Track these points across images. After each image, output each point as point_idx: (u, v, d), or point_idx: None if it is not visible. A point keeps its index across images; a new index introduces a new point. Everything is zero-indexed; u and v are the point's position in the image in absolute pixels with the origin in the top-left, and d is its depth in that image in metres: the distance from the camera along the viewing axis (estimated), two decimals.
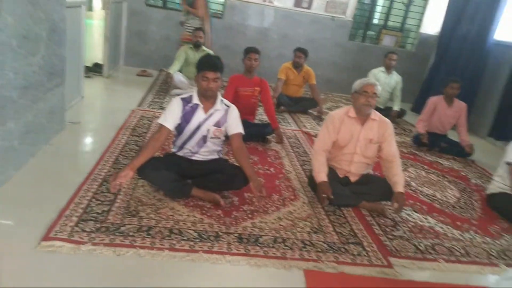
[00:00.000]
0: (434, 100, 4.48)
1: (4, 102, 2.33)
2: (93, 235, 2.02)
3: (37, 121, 2.82)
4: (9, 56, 2.31)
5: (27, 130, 2.65)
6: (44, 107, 2.93)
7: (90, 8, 12.93)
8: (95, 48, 5.93)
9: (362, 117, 2.79)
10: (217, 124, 2.60)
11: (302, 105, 5.34)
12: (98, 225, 2.11)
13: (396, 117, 5.44)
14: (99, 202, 2.35)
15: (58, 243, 1.91)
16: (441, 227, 2.71)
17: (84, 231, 2.04)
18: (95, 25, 11.06)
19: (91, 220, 2.15)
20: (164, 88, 5.45)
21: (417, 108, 6.02)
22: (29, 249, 1.86)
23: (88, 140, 3.53)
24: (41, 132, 2.92)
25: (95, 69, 5.66)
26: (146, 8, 6.41)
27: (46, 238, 1.93)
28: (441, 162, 4.15)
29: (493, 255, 2.46)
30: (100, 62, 5.73)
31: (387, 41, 7.28)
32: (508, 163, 3.00)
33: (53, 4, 2.90)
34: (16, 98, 2.45)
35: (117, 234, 2.06)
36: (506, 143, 3.14)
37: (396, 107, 5.53)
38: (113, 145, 3.21)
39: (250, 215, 2.48)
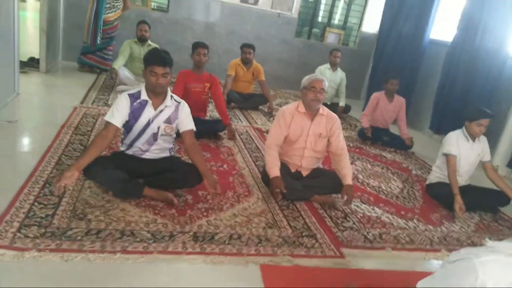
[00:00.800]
0: (377, 96, 4.71)
1: None
2: (37, 240, 1.89)
3: None
4: None
5: None
6: None
7: None
8: (30, 42, 5.53)
9: (311, 112, 2.86)
10: (168, 121, 2.53)
11: (253, 102, 5.37)
12: (42, 230, 1.98)
13: (342, 112, 5.65)
14: (42, 205, 2.20)
15: None
16: (387, 217, 2.86)
17: (27, 237, 1.91)
18: (29, 17, 10.30)
19: (35, 225, 2.01)
20: (109, 85, 5.21)
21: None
22: None
23: (27, 140, 3.29)
24: None
25: (31, 64, 5.28)
26: None
27: None
28: (384, 155, 4.37)
29: (435, 242, 2.64)
30: (36, 56, 5.35)
31: (331, 38, 7.52)
32: (445, 154, 3.23)
33: None
34: None
35: (63, 239, 1.95)
36: (444, 136, 3.37)
37: (341, 103, 5.74)
38: (54, 145, 3.02)
39: (204, 213, 2.45)
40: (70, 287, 1.68)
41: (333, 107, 5.46)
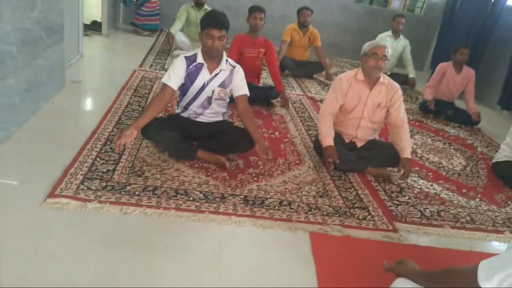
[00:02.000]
0: (443, 66, 4.37)
1: (3, 56, 2.25)
2: (99, 193, 2.00)
3: (37, 78, 2.74)
4: (5, 9, 2.20)
5: (27, 87, 2.58)
6: (43, 63, 2.84)
7: None
8: (93, 6, 5.75)
9: (371, 81, 2.71)
10: (222, 85, 2.52)
11: (308, 69, 5.21)
12: (103, 184, 2.09)
13: (414, 85, 5.36)
14: (104, 161, 2.31)
15: (64, 200, 1.89)
16: (447, 194, 2.71)
17: (89, 189, 2.02)
18: None
19: (97, 178, 2.13)
20: (165, 49, 5.30)
21: None
22: (35, 206, 1.84)
23: (90, 100, 3.47)
24: (41, 90, 2.84)
25: (93, 27, 5.49)
26: None
27: (51, 195, 1.91)
28: (447, 130, 4.10)
29: (498, 223, 2.47)
30: (98, 20, 5.54)
31: (396, 4, 7.05)
32: None
33: None
34: (15, 53, 2.36)
35: (123, 193, 2.05)
36: None
37: (412, 74, 5.39)
38: (115, 105, 3.15)
39: (255, 178, 2.46)
40: (128, 238, 1.77)
41: (392, 77, 5.17)
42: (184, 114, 2.61)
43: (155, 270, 1.62)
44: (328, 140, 2.64)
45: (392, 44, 5.28)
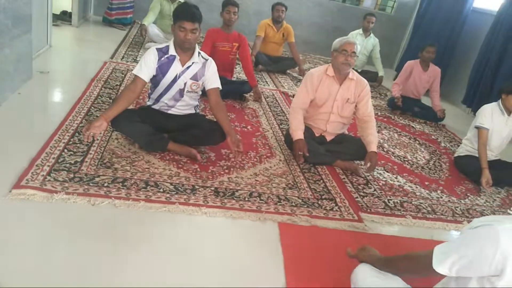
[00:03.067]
0: (411, 64, 4.52)
1: None
2: (66, 184, 1.98)
3: (3, 68, 2.66)
4: None
5: None
6: (9, 54, 2.76)
7: None
8: None
9: (340, 76, 2.79)
10: (195, 78, 2.53)
11: (281, 65, 5.28)
12: (71, 175, 2.07)
13: (381, 82, 5.52)
14: (72, 152, 2.28)
15: (30, 191, 1.86)
16: (410, 186, 2.82)
17: (56, 180, 2.00)
18: None
19: (64, 170, 2.10)
20: (138, 41, 5.23)
21: None
22: (0, 196, 1.81)
23: (58, 91, 3.39)
24: (7, 80, 2.77)
25: (63, 17, 5.35)
26: None
27: (17, 186, 1.88)
28: (413, 125, 4.26)
29: (457, 213, 2.60)
30: (68, 10, 5.40)
31: (368, 3, 7.20)
32: (477, 127, 3.11)
33: None
34: None
35: (91, 184, 2.03)
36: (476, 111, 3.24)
37: (381, 72, 5.55)
38: (84, 97, 3.10)
39: (226, 170, 2.49)
40: (96, 229, 1.77)
41: (363, 74, 5.30)
42: (156, 106, 2.60)
43: (123, 261, 1.62)
44: (298, 133, 2.70)
45: (362, 42, 5.41)
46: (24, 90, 2.98)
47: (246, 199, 2.23)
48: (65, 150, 2.29)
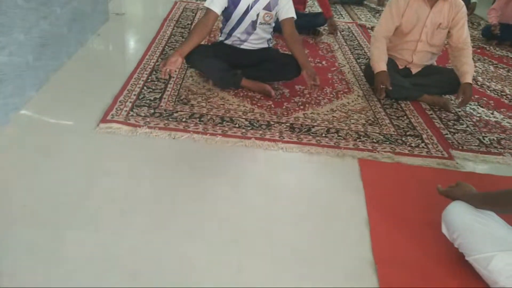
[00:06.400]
0: None
1: None
2: (148, 119, 2.04)
3: (81, 8, 2.73)
4: None
5: (73, 17, 2.58)
6: None
7: None
8: None
9: None
10: (267, 7, 2.38)
11: None
12: (151, 111, 2.12)
13: (473, 10, 4.88)
14: (151, 90, 2.33)
15: (115, 125, 1.95)
16: (509, 122, 2.51)
17: (139, 115, 2.06)
18: None
19: (145, 106, 2.16)
20: None
21: None
22: (89, 130, 1.91)
23: (134, 31, 3.46)
24: (87, 21, 2.85)
25: None
26: None
27: (104, 120, 1.97)
28: None
29: None
30: None
31: None
32: None
33: None
34: None
35: (170, 119, 2.07)
36: None
37: None
38: (158, 36, 3.13)
39: (301, 106, 2.39)
40: (178, 161, 1.81)
41: None
42: (228, 42, 2.52)
43: (207, 191, 1.65)
44: (380, 65, 2.47)
45: None
46: (103, 31, 3.07)
47: (323, 135, 2.13)
48: (145, 87, 2.34)
